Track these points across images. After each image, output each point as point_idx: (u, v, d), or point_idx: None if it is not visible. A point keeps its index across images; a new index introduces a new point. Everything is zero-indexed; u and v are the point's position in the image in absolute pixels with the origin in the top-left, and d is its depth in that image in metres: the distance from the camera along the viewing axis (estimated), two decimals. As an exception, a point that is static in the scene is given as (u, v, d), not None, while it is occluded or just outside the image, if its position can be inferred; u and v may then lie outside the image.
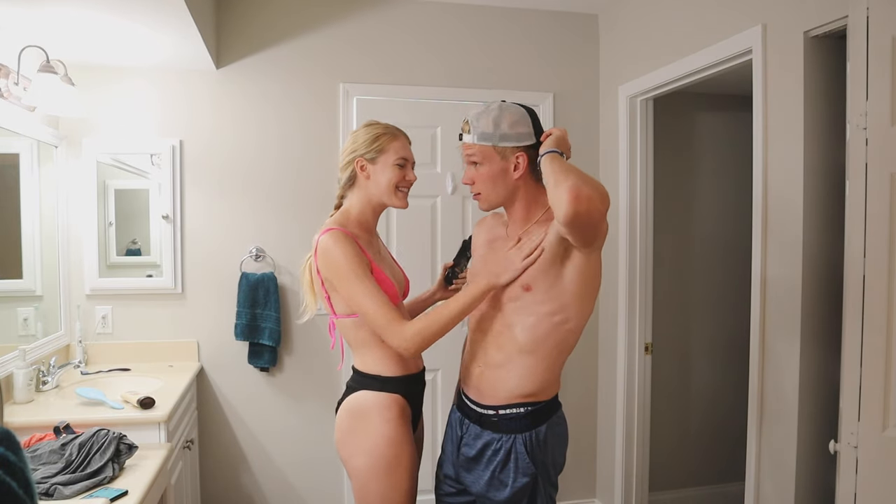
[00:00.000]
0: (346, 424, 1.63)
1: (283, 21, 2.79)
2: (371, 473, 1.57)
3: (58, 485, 1.49)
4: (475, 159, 1.54)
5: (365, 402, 1.61)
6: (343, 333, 1.66)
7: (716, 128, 3.37)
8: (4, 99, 2.09)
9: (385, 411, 1.59)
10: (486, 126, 1.51)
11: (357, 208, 1.67)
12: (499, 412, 1.53)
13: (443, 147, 2.92)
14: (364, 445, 1.58)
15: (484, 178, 1.54)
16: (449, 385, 2.97)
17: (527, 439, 1.50)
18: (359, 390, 1.63)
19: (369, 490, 1.58)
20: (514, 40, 3.01)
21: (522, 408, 1.51)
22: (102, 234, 2.68)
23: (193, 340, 2.76)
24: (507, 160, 1.52)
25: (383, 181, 1.63)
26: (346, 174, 1.66)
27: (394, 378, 1.62)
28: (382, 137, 1.63)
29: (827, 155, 1.92)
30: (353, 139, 1.66)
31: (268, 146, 2.80)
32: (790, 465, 1.97)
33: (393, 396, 1.61)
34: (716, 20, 2.28)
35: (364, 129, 1.66)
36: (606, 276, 3.02)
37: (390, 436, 1.57)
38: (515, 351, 1.51)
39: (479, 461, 1.56)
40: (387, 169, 1.62)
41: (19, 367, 2.11)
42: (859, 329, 1.56)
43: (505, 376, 1.52)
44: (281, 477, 2.85)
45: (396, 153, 1.63)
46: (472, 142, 1.53)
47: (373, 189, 1.64)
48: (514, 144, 1.51)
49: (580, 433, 3.13)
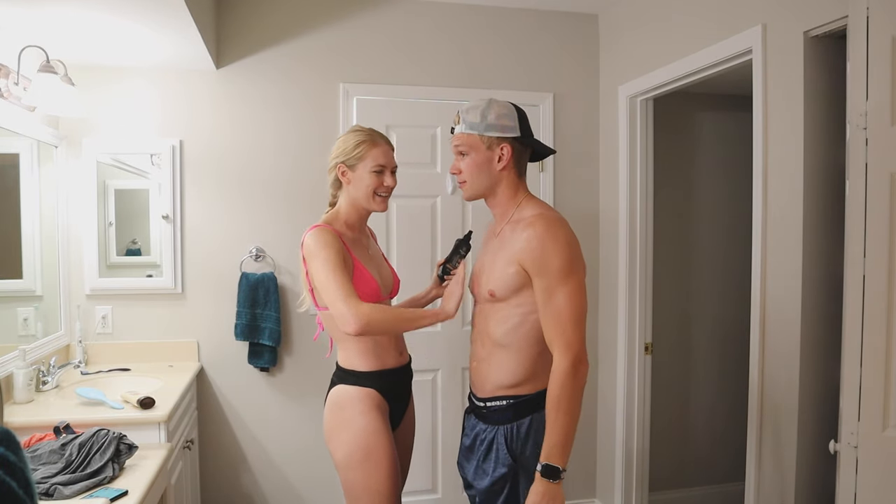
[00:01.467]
0: (328, 418, 1.74)
1: (284, 21, 2.79)
2: (350, 464, 1.67)
3: (58, 485, 1.49)
4: (462, 149, 1.61)
5: (343, 396, 1.72)
6: (326, 326, 1.76)
7: (716, 128, 3.37)
8: (4, 99, 2.09)
9: (359, 404, 1.69)
10: (475, 117, 1.59)
11: (344, 209, 1.78)
12: (486, 404, 1.62)
13: (443, 147, 2.92)
14: (343, 437, 1.68)
15: (470, 166, 1.61)
16: (449, 385, 2.97)
17: (507, 431, 1.58)
18: (338, 384, 1.75)
19: (349, 479, 1.68)
20: (515, 40, 3.01)
21: (505, 400, 1.59)
22: (102, 234, 2.68)
23: (193, 340, 2.76)
24: (492, 150, 1.59)
25: (362, 187, 1.73)
26: (331, 177, 1.78)
27: (369, 373, 1.72)
28: (363, 145, 1.72)
29: (827, 155, 1.92)
30: (338, 144, 1.77)
31: (268, 146, 2.80)
32: (790, 465, 1.97)
33: (366, 390, 1.71)
34: (716, 20, 2.28)
35: (347, 134, 1.77)
36: (607, 277, 3.03)
37: (365, 427, 1.66)
38: (493, 345, 1.60)
39: (472, 450, 1.65)
40: (365, 175, 1.72)
41: (19, 367, 2.11)
42: (859, 329, 1.56)
43: (487, 369, 1.62)
44: (281, 477, 2.85)
45: (374, 160, 1.71)
46: (461, 131, 1.61)
47: (353, 193, 1.75)
48: (499, 135, 1.57)
49: (580, 433, 3.11)
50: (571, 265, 1.49)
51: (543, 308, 1.50)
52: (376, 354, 1.73)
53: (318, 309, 1.72)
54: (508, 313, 1.56)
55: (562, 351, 1.48)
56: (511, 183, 1.61)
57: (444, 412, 2.97)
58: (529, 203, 1.61)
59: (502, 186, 1.61)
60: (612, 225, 2.98)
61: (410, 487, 2.95)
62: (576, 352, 1.47)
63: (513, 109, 1.60)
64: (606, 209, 3.05)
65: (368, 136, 1.73)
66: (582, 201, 3.08)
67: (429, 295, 1.91)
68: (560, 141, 3.06)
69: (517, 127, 1.59)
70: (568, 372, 1.46)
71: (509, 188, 1.62)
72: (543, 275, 1.48)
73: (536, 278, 1.50)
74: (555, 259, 1.47)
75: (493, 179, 1.60)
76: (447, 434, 2.97)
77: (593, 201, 3.11)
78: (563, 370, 1.46)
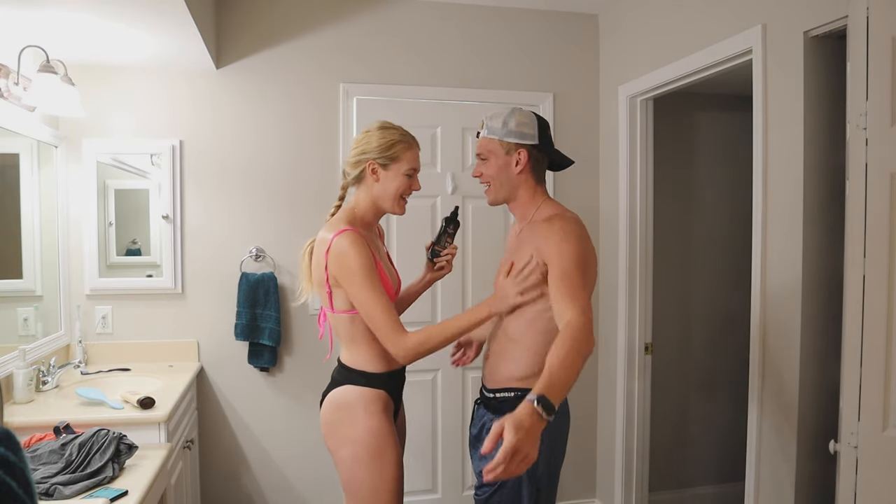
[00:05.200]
0: (331, 417, 1.70)
1: (284, 21, 2.79)
2: (357, 462, 1.64)
3: (58, 485, 1.49)
4: (483, 154, 1.69)
5: (350, 396, 1.68)
6: (335, 327, 1.72)
7: (716, 128, 3.37)
8: (4, 99, 2.09)
9: (370, 405, 1.66)
10: (497, 123, 1.66)
11: (362, 207, 1.71)
12: (496, 395, 1.67)
13: (443, 147, 2.93)
14: (349, 436, 1.65)
15: (491, 171, 1.67)
16: (449, 385, 2.97)
17: None
18: (344, 384, 1.70)
19: (355, 478, 1.65)
20: (515, 40, 3.01)
21: (513, 392, 1.63)
22: (102, 234, 2.68)
23: (193, 340, 2.76)
24: (510, 155, 1.65)
25: (391, 188, 1.67)
26: (355, 172, 1.69)
27: (379, 374, 1.69)
28: (398, 146, 1.66)
29: (827, 155, 1.92)
30: (366, 139, 1.68)
31: (268, 146, 2.80)
32: (790, 465, 1.97)
33: (377, 392, 1.68)
34: (716, 20, 2.28)
35: (380, 131, 1.68)
36: (607, 277, 3.03)
37: (374, 428, 1.64)
38: (506, 340, 1.65)
39: (479, 439, 1.70)
40: (397, 177, 1.67)
41: (19, 367, 2.11)
42: (859, 329, 1.56)
43: (499, 362, 1.67)
44: (281, 477, 2.85)
45: (409, 164, 1.68)
46: (484, 136, 1.68)
47: (378, 192, 1.69)
48: (518, 141, 1.64)
49: (580, 433, 3.13)
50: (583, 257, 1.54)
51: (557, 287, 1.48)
52: (386, 357, 1.68)
53: (333, 311, 1.67)
54: (524, 309, 1.61)
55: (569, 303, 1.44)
56: (529, 187, 1.68)
57: (444, 412, 2.97)
58: (547, 205, 1.68)
59: (521, 190, 1.68)
60: (612, 225, 2.98)
61: (410, 487, 2.95)
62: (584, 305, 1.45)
63: (534, 119, 1.66)
64: (606, 209, 3.05)
65: (404, 136, 1.69)
66: (582, 201, 3.08)
67: (423, 280, 1.91)
68: (560, 141, 3.05)
69: (536, 135, 1.65)
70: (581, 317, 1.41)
71: (527, 192, 1.68)
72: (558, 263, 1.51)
73: (552, 267, 1.52)
74: (568, 248, 1.52)
75: (512, 183, 1.67)
76: (447, 434, 2.97)
77: (593, 201, 3.11)
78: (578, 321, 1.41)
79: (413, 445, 2.93)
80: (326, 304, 1.67)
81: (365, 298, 1.57)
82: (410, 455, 2.93)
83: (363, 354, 1.69)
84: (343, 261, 1.57)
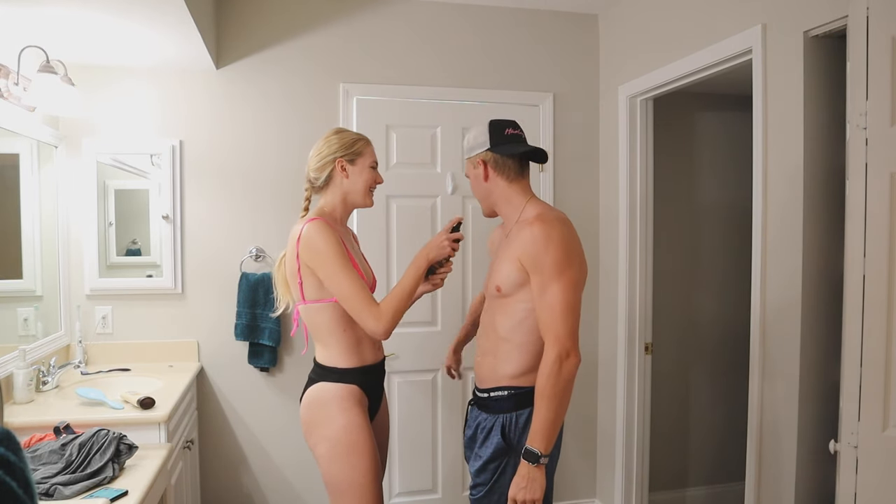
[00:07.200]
0: (308, 415, 1.77)
1: (283, 21, 2.79)
2: (333, 458, 1.71)
3: (58, 485, 1.49)
4: (466, 174, 1.82)
5: (325, 393, 1.75)
6: (307, 321, 1.79)
7: (716, 128, 3.37)
8: (4, 99, 2.09)
9: (342, 401, 1.73)
10: (465, 145, 1.79)
11: (332, 206, 1.84)
12: (490, 394, 1.70)
13: (443, 147, 2.92)
14: (325, 433, 1.72)
15: (473, 189, 1.80)
16: (449, 385, 2.97)
17: (506, 420, 1.65)
18: (318, 382, 1.78)
19: (332, 473, 1.72)
20: (514, 40, 3.01)
21: (506, 391, 1.67)
22: (102, 234, 2.68)
23: (193, 340, 2.76)
24: (477, 169, 1.75)
25: (360, 181, 1.82)
26: (324, 174, 1.81)
27: (350, 369, 1.76)
28: (359, 142, 1.83)
29: (827, 155, 1.92)
30: (327, 143, 1.82)
31: (268, 146, 2.80)
32: (790, 466, 1.97)
33: (349, 387, 1.75)
34: (715, 20, 2.28)
35: (338, 134, 1.84)
36: (607, 276, 3.03)
37: (348, 423, 1.71)
38: (497, 339, 1.70)
39: (474, 440, 1.74)
40: (364, 171, 1.82)
41: (19, 368, 2.11)
42: (859, 329, 1.56)
43: (492, 362, 1.70)
44: (281, 476, 2.85)
45: (371, 157, 1.84)
46: None
47: (348, 188, 1.82)
48: (476, 153, 1.73)
49: (580, 433, 3.13)
50: (564, 262, 1.57)
51: (538, 302, 1.59)
52: (358, 351, 1.77)
53: (305, 303, 1.75)
54: (513, 308, 1.65)
55: (550, 343, 1.56)
56: (503, 191, 1.73)
57: (444, 412, 2.97)
58: (532, 205, 1.71)
59: (496, 196, 1.74)
60: (612, 225, 2.98)
61: (410, 487, 2.97)
62: (563, 345, 1.55)
63: (486, 126, 1.73)
64: (606, 209, 3.05)
65: (360, 135, 1.85)
66: (582, 201, 3.08)
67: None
68: (560, 141, 3.06)
69: (487, 140, 1.71)
70: (554, 363, 1.54)
71: (502, 195, 1.73)
72: (538, 271, 1.58)
73: (532, 275, 1.59)
74: (547, 256, 1.56)
75: (485, 192, 1.75)
76: (447, 434, 2.97)
77: (593, 201, 3.11)
78: (550, 361, 1.55)
79: (413, 445, 2.94)
80: (298, 297, 1.75)
81: (338, 278, 1.66)
82: (410, 455, 2.96)
83: (335, 348, 1.76)
84: (313, 245, 1.67)
